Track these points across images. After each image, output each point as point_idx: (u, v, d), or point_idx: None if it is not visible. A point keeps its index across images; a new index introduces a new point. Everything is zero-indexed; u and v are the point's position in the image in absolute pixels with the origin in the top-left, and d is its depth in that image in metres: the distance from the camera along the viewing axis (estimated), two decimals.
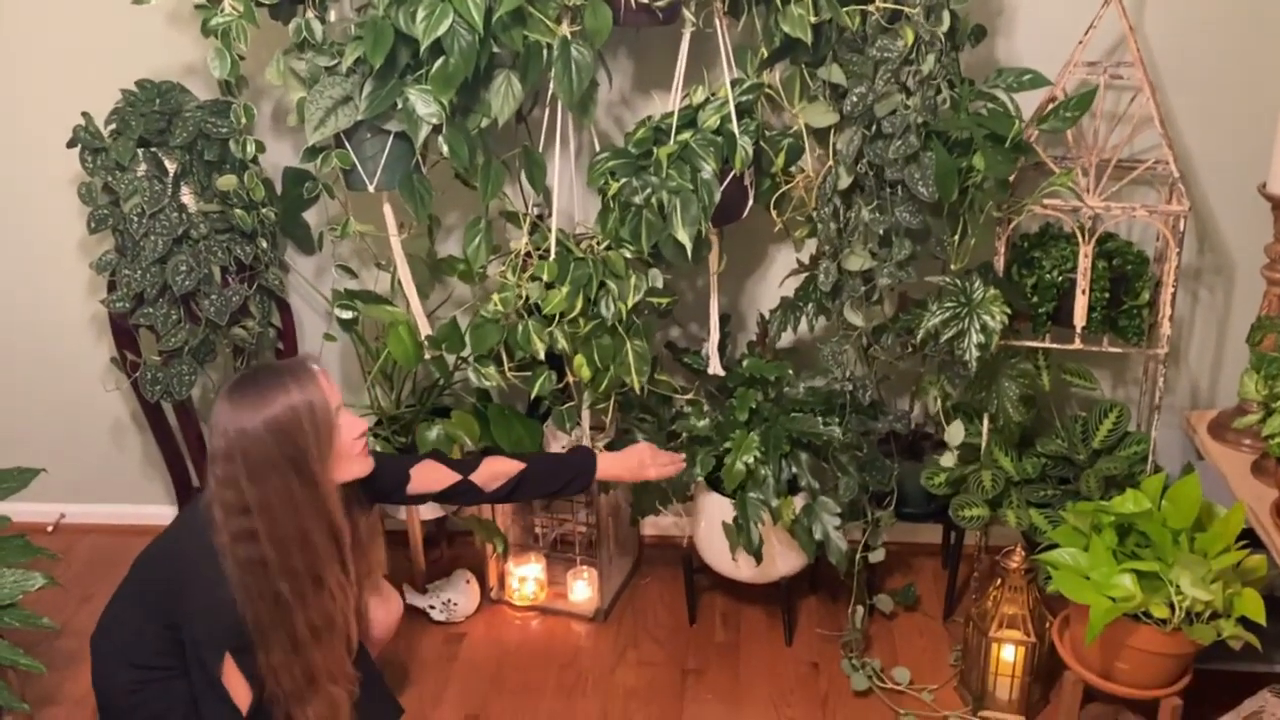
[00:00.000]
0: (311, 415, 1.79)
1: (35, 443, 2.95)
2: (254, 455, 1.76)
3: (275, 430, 1.76)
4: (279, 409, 1.77)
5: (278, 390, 1.78)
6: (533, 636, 2.64)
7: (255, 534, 1.78)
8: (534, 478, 2.19)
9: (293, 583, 1.80)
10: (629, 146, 2.13)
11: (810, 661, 2.52)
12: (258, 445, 1.76)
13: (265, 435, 1.75)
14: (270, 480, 1.77)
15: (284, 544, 1.79)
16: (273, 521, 1.78)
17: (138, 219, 2.28)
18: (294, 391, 1.78)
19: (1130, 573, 1.98)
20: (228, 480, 1.78)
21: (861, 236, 2.13)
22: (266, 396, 1.77)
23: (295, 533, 1.80)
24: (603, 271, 2.13)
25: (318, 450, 1.80)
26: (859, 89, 2.00)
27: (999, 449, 2.38)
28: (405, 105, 2.01)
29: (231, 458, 1.77)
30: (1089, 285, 2.19)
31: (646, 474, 2.25)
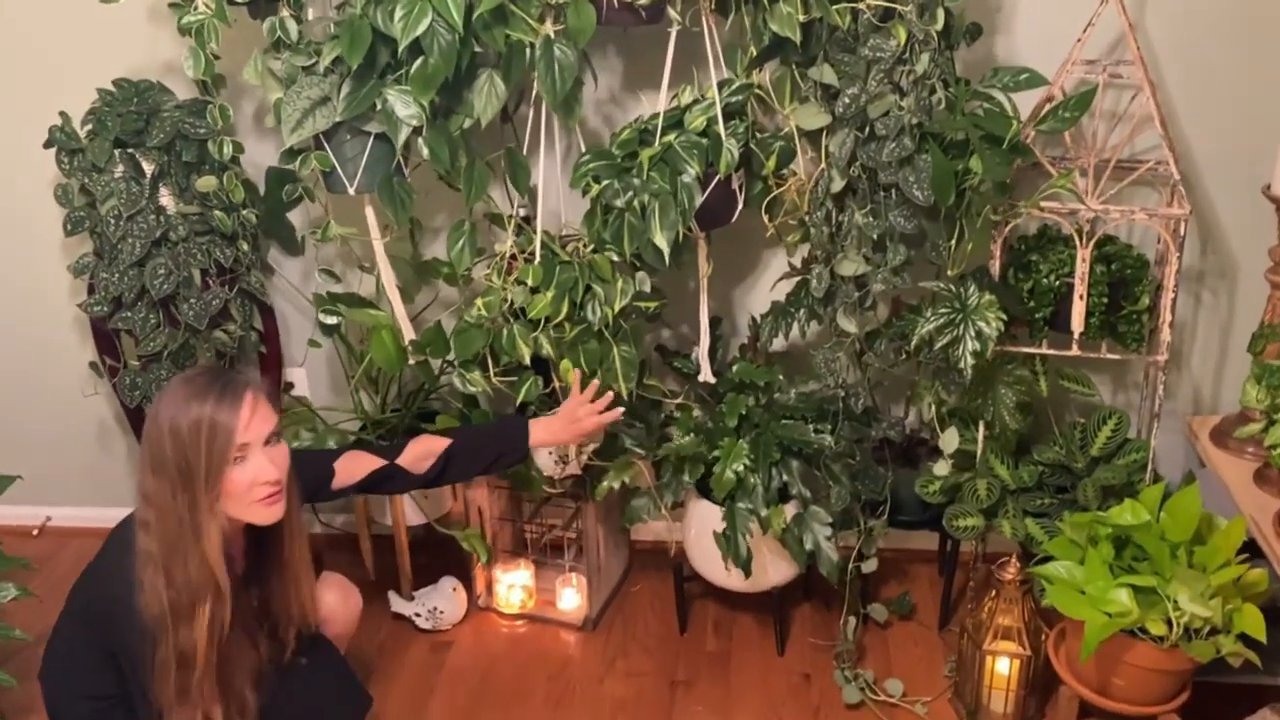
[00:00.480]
0: (211, 439, 1.70)
1: (21, 445, 2.91)
2: (153, 449, 1.72)
3: (175, 435, 1.70)
4: (187, 417, 1.70)
5: (200, 398, 1.71)
6: (520, 645, 2.60)
7: (149, 526, 1.73)
8: (463, 453, 2.11)
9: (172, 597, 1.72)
10: (613, 148, 2.08)
11: (802, 672, 2.47)
12: (160, 441, 1.71)
13: (167, 435, 1.70)
14: (162, 480, 1.72)
15: (168, 550, 1.72)
16: (161, 522, 1.72)
17: (115, 221, 2.24)
18: (209, 406, 1.70)
19: (1127, 587, 1.93)
20: (141, 462, 1.75)
21: (855, 241, 2.08)
22: (189, 400, 1.71)
23: (176, 544, 1.72)
24: (589, 275, 2.08)
25: (204, 471, 1.71)
26: (851, 90, 1.94)
27: (995, 456, 2.33)
28: (384, 106, 1.96)
29: (147, 440, 1.74)
30: (1087, 290, 2.13)
31: (583, 427, 2.14)
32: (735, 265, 2.54)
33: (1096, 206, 2.07)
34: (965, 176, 1.93)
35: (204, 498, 1.71)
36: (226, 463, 1.72)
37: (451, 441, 2.11)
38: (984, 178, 1.88)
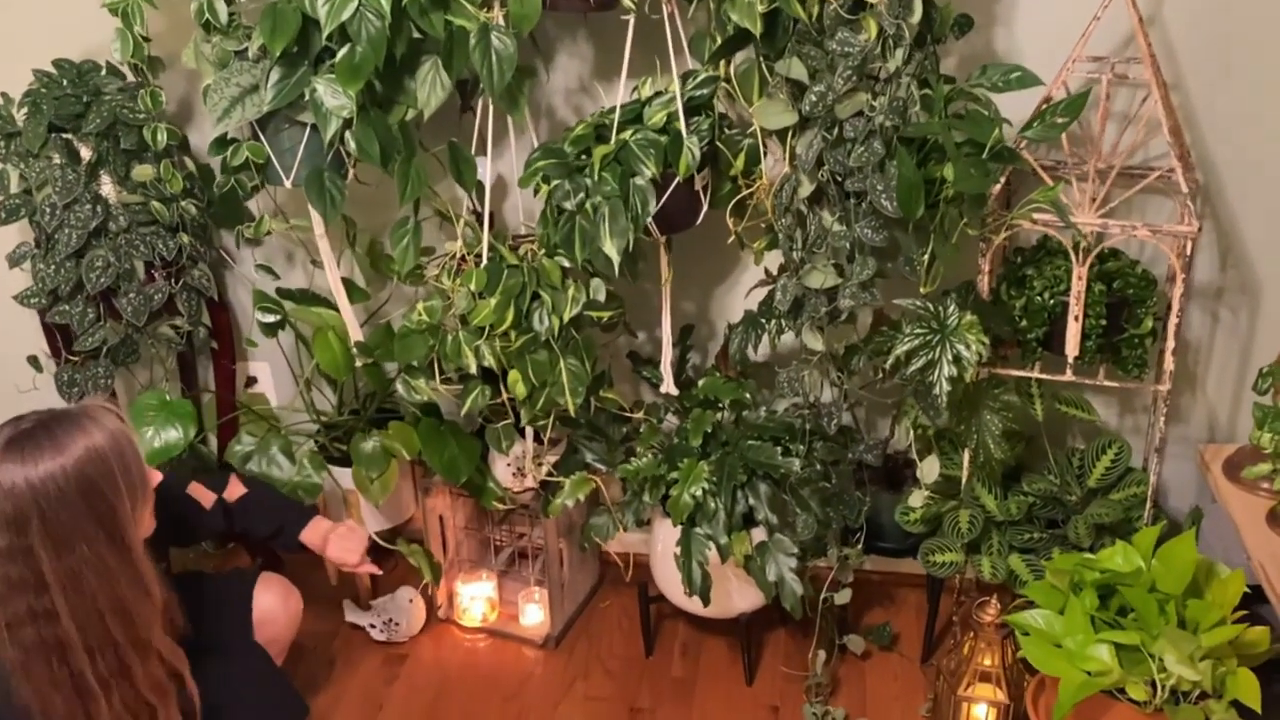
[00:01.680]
0: (122, 459, 1.52)
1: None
2: (57, 518, 1.47)
3: (82, 483, 1.48)
4: (82, 455, 1.48)
5: (74, 433, 1.49)
6: (478, 662, 2.48)
7: (54, 613, 1.50)
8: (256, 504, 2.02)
9: (108, 659, 1.56)
10: (565, 145, 1.92)
11: (770, 704, 2.32)
12: (61, 505, 1.47)
13: (70, 491, 1.47)
14: (78, 549, 1.49)
15: (96, 619, 1.53)
16: (80, 596, 1.51)
17: (50, 210, 2.13)
18: (94, 433, 1.50)
19: (1109, 644, 1.75)
20: (13, 553, 1.47)
21: (826, 251, 1.90)
22: (61, 443, 1.48)
23: (109, 604, 1.54)
24: (536, 281, 1.93)
25: (129, 504, 1.54)
26: (818, 87, 1.76)
27: (981, 484, 2.15)
28: (313, 97, 1.82)
29: (22, 524, 1.46)
30: (1084, 310, 1.94)
31: (327, 550, 2.04)
32: (714, 268, 2.37)
33: (1092, 220, 1.87)
34: (941, 186, 1.74)
35: (134, 534, 1.57)
36: (146, 480, 1.60)
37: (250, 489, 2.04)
38: (957, 188, 1.69)
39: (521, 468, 2.26)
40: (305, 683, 2.38)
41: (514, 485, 2.31)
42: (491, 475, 2.31)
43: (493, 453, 2.32)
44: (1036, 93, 1.91)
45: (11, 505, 1.47)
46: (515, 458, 2.26)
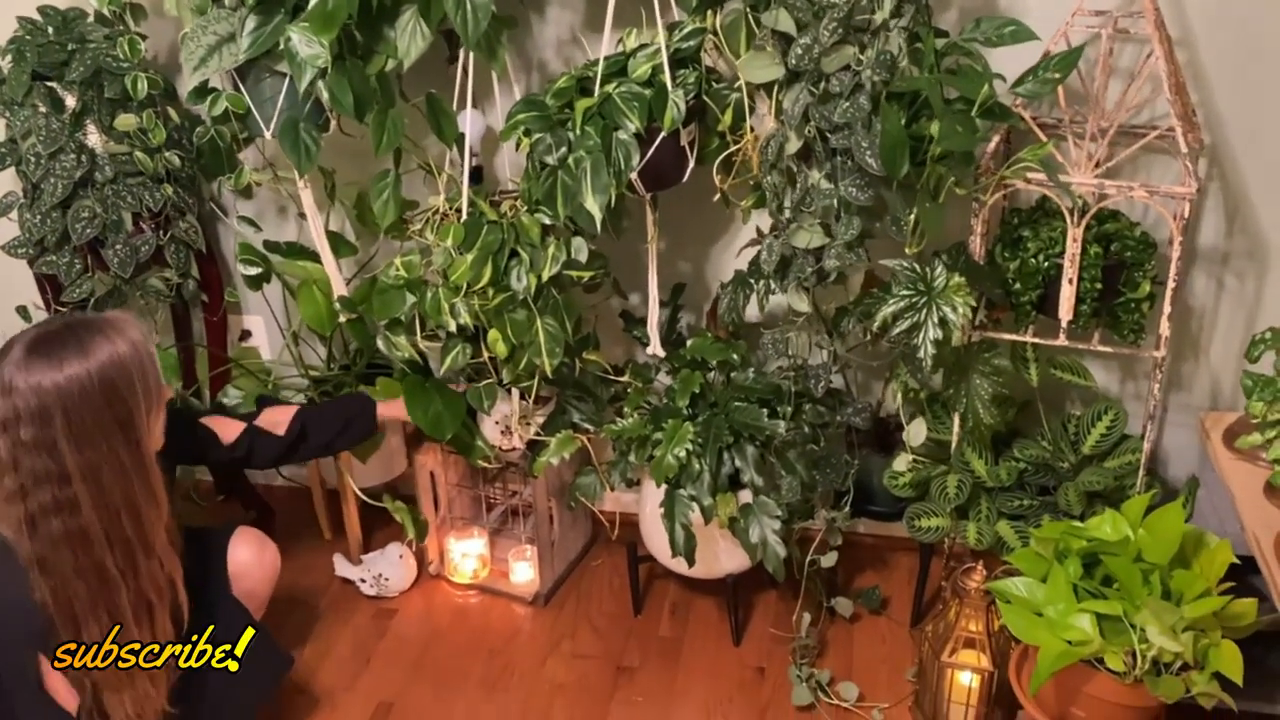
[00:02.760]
0: (141, 368, 1.63)
1: None
2: (79, 415, 1.58)
3: (105, 386, 1.58)
4: (106, 362, 1.59)
5: (100, 341, 1.59)
6: (467, 618, 2.48)
7: (76, 504, 1.61)
8: (315, 418, 2.12)
9: (123, 551, 1.65)
10: (547, 98, 1.88)
11: (757, 666, 2.31)
12: (85, 404, 1.57)
13: (94, 392, 1.57)
14: (98, 444, 1.60)
15: (112, 512, 1.64)
16: (99, 489, 1.62)
17: (35, 160, 2.11)
18: (118, 342, 1.61)
19: (1090, 614, 1.72)
20: (39, 445, 1.57)
21: (813, 209, 1.85)
22: (87, 348, 1.58)
23: (123, 500, 1.64)
24: (515, 238, 1.90)
25: (145, 409, 1.64)
26: (805, 39, 1.71)
27: (971, 449, 2.12)
28: (288, 46, 1.79)
29: (47, 419, 1.57)
30: (1079, 273, 1.89)
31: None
32: (707, 226, 2.33)
33: (1087, 180, 1.81)
34: (929, 144, 1.69)
35: (147, 439, 1.67)
36: (162, 388, 1.69)
37: (300, 407, 2.13)
38: (943, 146, 1.64)
39: (509, 427, 2.24)
40: (294, 636, 2.39)
41: (502, 444, 2.29)
42: (480, 433, 2.29)
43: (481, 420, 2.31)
44: (1039, 48, 1.85)
45: (38, 402, 1.56)
46: (503, 417, 2.24)
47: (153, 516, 1.68)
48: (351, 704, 2.25)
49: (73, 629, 1.65)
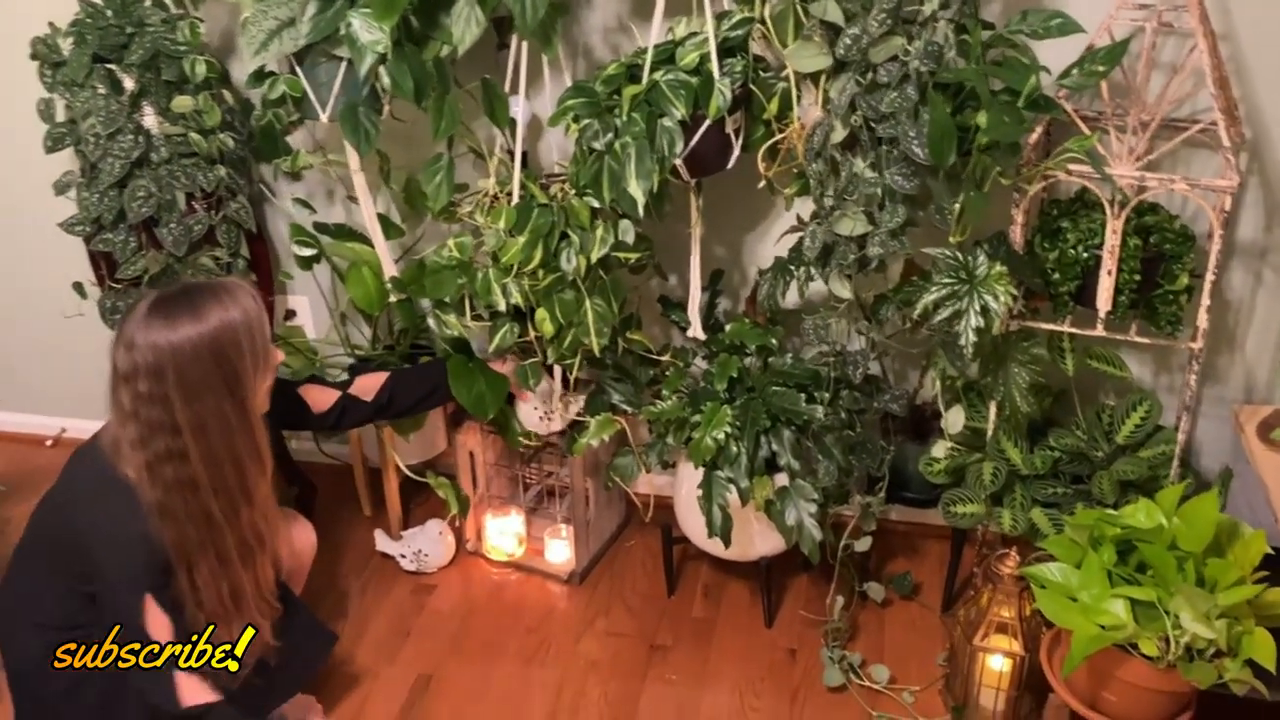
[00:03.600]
0: (249, 333, 1.72)
1: (36, 355, 2.93)
2: (189, 373, 1.67)
3: (215, 348, 1.68)
4: (217, 325, 1.68)
5: (213, 305, 1.69)
6: (504, 595, 2.53)
7: (185, 454, 1.70)
8: (403, 380, 2.20)
9: (227, 499, 1.75)
10: (597, 84, 1.92)
11: (789, 648, 2.35)
12: (194, 363, 1.67)
13: (204, 352, 1.67)
14: (205, 400, 1.69)
15: (217, 463, 1.73)
16: (206, 441, 1.71)
17: (94, 140, 2.17)
18: (230, 308, 1.70)
19: (1124, 599, 1.75)
20: (153, 398, 1.67)
21: (857, 198, 1.89)
22: (201, 312, 1.68)
23: (227, 453, 1.73)
24: (565, 221, 1.94)
25: (253, 371, 1.73)
26: (853, 30, 1.74)
27: (1007, 437, 2.14)
28: (348, 31, 1.83)
29: (160, 375, 1.66)
30: (1118, 265, 1.91)
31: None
32: (747, 213, 2.36)
33: (1129, 173, 1.84)
34: (975, 134, 1.72)
35: (253, 399, 1.76)
36: (270, 353, 1.77)
37: (391, 373, 2.22)
38: (989, 137, 1.67)
39: (549, 410, 2.28)
40: (334, 609, 2.45)
41: (541, 429, 2.33)
42: (516, 418, 2.34)
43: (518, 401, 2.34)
44: (1081, 41, 1.87)
45: (154, 358, 1.66)
46: (542, 399, 2.28)
47: (255, 470, 1.78)
48: (392, 676, 2.30)
49: (186, 570, 1.75)
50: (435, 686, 2.28)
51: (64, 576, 1.80)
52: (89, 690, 1.83)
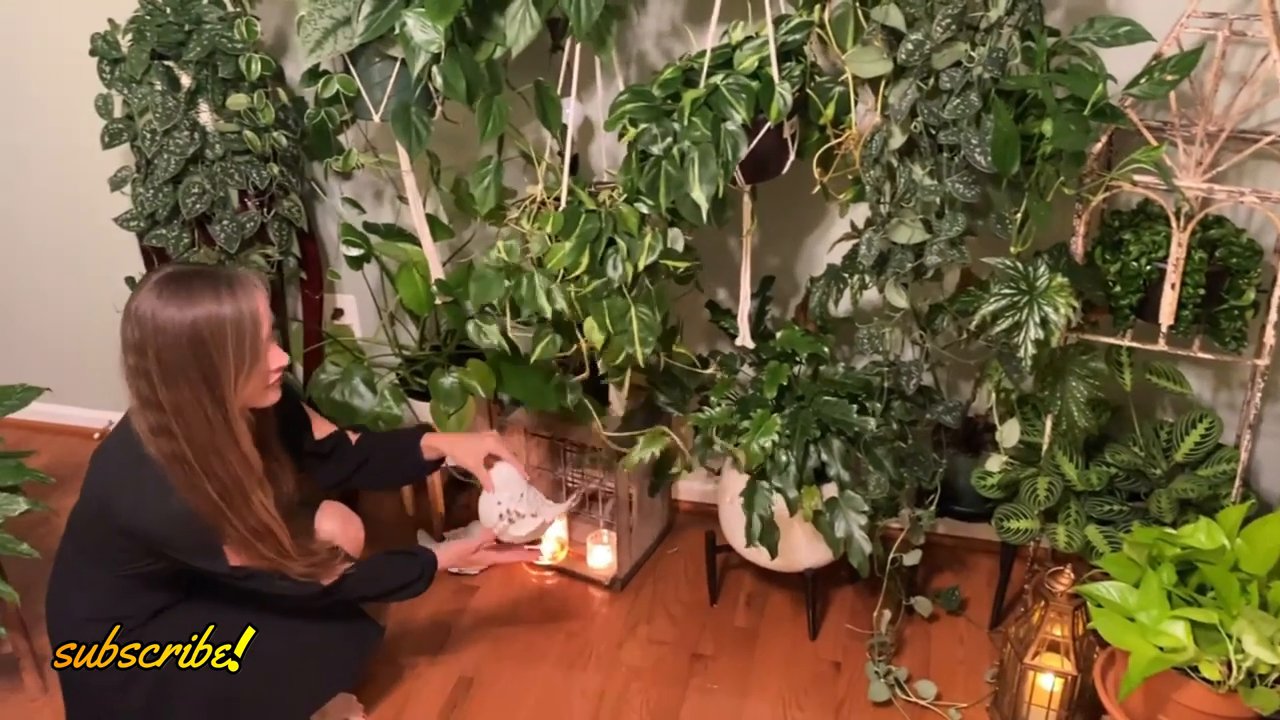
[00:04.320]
0: (238, 332, 1.66)
1: (87, 349, 2.96)
2: (167, 358, 1.64)
3: (194, 339, 1.63)
4: (203, 316, 1.63)
5: (208, 295, 1.64)
6: (545, 599, 2.52)
7: (171, 432, 1.68)
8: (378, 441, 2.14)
9: (219, 487, 1.71)
10: (654, 88, 1.90)
11: (833, 660, 2.32)
12: (172, 348, 1.64)
13: (182, 339, 1.63)
14: (181, 388, 1.66)
15: (202, 450, 1.70)
16: (187, 426, 1.68)
17: (150, 136, 2.18)
18: (225, 302, 1.65)
19: (1184, 621, 1.71)
20: (138, 372, 1.67)
21: (915, 205, 1.86)
22: (194, 298, 1.63)
23: (209, 444, 1.70)
24: (613, 227, 1.92)
25: (234, 371, 1.67)
26: (915, 35, 1.71)
27: (1062, 452, 2.10)
28: (403, 31, 1.82)
29: (143, 351, 1.65)
30: (1181, 278, 1.87)
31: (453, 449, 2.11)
32: (798, 219, 2.34)
33: (1197, 185, 1.79)
34: (1038, 143, 1.68)
35: (233, 398, 1.70)
36: (259, 360, 1.70)
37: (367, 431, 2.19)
38: (1055, 145, 1.63)
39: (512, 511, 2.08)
40: (376, 607, 2.44)
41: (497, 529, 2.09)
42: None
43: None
44: (1145, 49, 1.82)
45: (138, 333, 1.64)
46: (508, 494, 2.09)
47: (238, 471, 1.73)
48: (433, 677, 2.30)
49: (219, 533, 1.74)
50: (476, 689, 2.27)
51: (108, 566, 1.81)
52: (138, 687, 1.83)
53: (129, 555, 1.79)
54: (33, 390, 2.21)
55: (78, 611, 1.87)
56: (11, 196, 2.84)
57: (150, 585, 1.85)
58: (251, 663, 1.90)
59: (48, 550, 2.19)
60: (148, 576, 1.82)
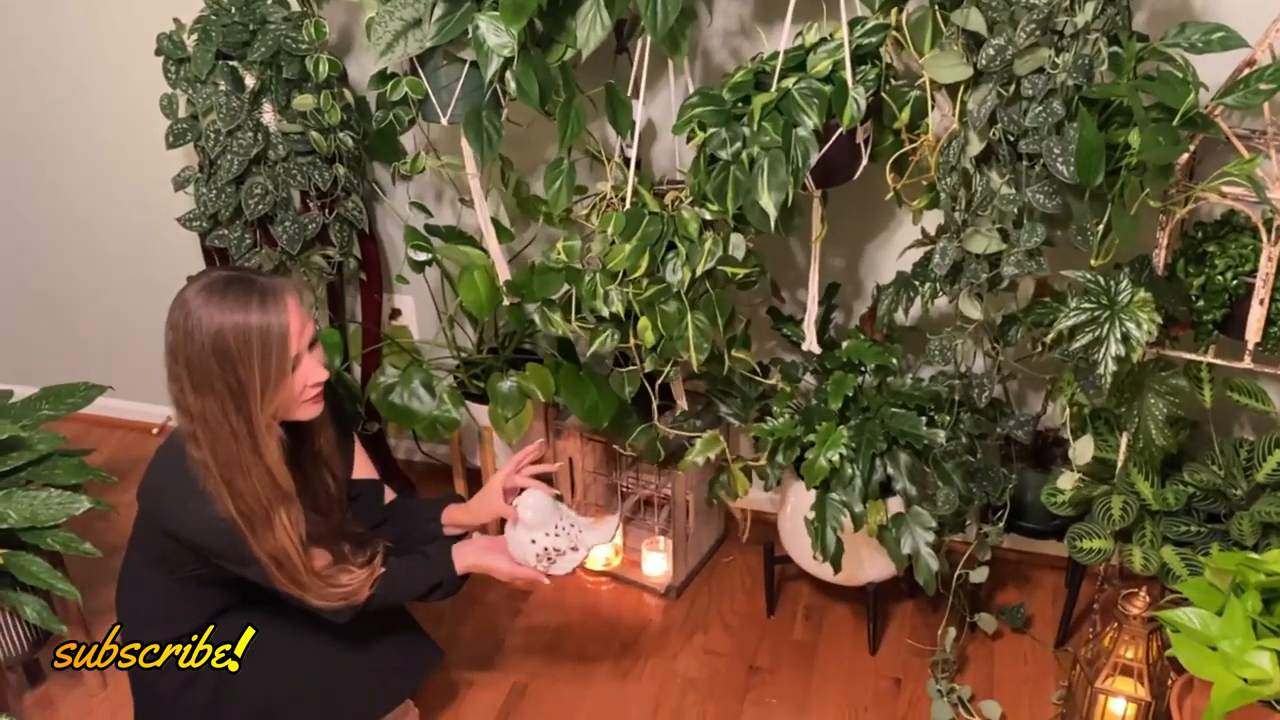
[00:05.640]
0: (264, 345, 1.60)
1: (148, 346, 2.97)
2: (195, 366, 1.61)
3: (220, 350, 1.59)
4: (229, 325, 1.59)
5: (239, 305, 1.60)
6: (600, 606, 2.49)
7: (198, 438, 1.65)
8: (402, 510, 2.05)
9: (241, 505, 1.66)
10: (724, 91, 1.86)
11: (894, 676, 2.27)
12: (200, 356, 1.60)
13: (209, 350, 1.59)
14: (207, 397, 1.62)
15: (225, 463, 1.65)
16: (212, 436, 1.64)
17: (214, 136, 2.18)
18: (254, 313, 1.60)
19: (1272, 652, 1.64)
20: (172, 375, 1.64)
21: (991, 214, 1.80)
22: (226, 306, 1.59)
23: (233, 457, 1.65)
24: (674, 231, 1.89)
25: (259, 384, 1.62)
26: (998, 40, 1.66)
27: (1137, 470, 2.04)
28: (475, 34, 1.80)
29: (175, 356, 1.63)
30: (1270, 294, 1.80)
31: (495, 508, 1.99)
32: (865, 225, 2.29)
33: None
34: (1123, 153, 1.62)
35: (260, 414, 1.65)
36: (285, 375, 1.65)
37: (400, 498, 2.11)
38: (1142, 156, 1.57)
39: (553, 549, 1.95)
40: (429, 615, 2.42)
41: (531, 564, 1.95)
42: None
43: None
44: (1235, 56, 1.76)
45: (173, 336, 1.63)
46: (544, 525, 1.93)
47: (263, 487, 1.67)
48: (487, 684, 2.28)
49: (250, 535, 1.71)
50: (530, 697, 2.25)
51: (164, 567, 1.80)
52: (200, 689, 1.83)
53: (178, 559, 1.77)
54: (95, 388, 2.22)
55: (140, 611, 1.87)
56: (76, 195, 2.86)
57: (206, 588, 1.84)
58: (307, 675, 1.89)
59: (108, 547, 2.21)
60: (201, 579, 1.81)
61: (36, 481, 2.05)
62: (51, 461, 2.07)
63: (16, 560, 1.96)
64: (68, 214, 2.90)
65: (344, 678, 1.91)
